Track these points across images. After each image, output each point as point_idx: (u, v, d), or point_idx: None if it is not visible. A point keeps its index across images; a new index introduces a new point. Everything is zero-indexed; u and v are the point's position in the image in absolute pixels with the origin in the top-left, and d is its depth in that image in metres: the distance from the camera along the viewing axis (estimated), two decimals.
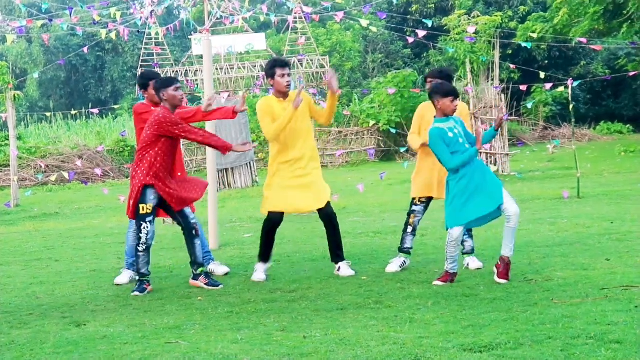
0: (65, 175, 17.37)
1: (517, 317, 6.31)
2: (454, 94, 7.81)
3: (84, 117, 46.21)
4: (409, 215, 8.91)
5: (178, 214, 8.41)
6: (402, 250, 8.87)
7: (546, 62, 41.11)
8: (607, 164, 24.10)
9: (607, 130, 39.21)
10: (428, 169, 8.64)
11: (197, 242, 8.49)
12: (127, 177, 29.46)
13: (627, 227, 11.04)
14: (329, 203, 8.66)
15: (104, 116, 45.85)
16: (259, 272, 8.73)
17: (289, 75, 8.65)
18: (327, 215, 8.66)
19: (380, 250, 10.34)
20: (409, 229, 8.86)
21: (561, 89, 18.20)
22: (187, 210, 8.48)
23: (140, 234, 8.26)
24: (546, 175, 21.50)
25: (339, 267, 8.73)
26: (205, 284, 8.41)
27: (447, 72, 8.82)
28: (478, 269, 8.58)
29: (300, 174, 8.59)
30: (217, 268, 9.26)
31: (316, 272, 9.04)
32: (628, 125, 39.86)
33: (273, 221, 8.67)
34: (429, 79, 8.70)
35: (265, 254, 8.80)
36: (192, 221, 8.47)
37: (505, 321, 6.19)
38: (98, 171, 19.23)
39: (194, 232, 8.46)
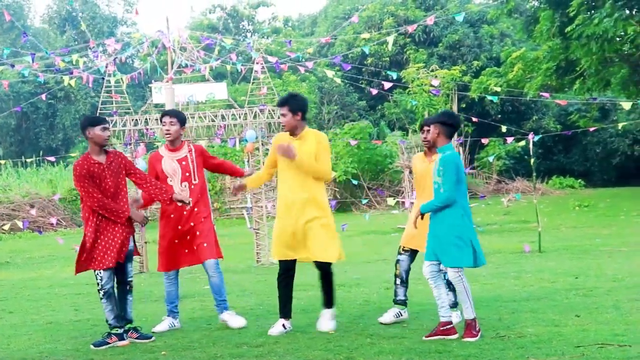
0: (19, 223, 17.00)
1: None
2: None
3: (35, 164, 45.53)
4: (395, 265, 8.82)
5: (119, 266, 8.21)
6: (396, 302, 8.76)
7: (499, 116, 41.52)
8: (563, 217, 24.24)
9: (559, 184, 39.55)
10: (414, 217, 8.43)
11: (130, 298, 8.42)
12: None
13: (592, 282, 11.00)
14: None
15: (55, 164, 45.22)
16: (275, 326, 8.35)
17: (282, 115, 8.38)
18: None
19: (345, 303, 10.12)
20: (397, 280, 8.75)
21: (520, 143, 18.18)
22: (128, 264, 8.36)
23: (97, 281, 8.06)
24: (504, 229, 21.53)
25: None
26: (135, 339, 8.26)
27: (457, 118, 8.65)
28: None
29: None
30: (232, 319, 8.85)
31: None
32: (580, 180, 40.28)
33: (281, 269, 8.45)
34: (425, 128, 8.57)
35: (280, 306, 8.44)
36: (129, 277, 8.39)
37: None
38: (53, 220, 18.85)
39: (128, 288, 8.38)
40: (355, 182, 23.09)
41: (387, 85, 16.48)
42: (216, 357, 7.28)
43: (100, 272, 8.00)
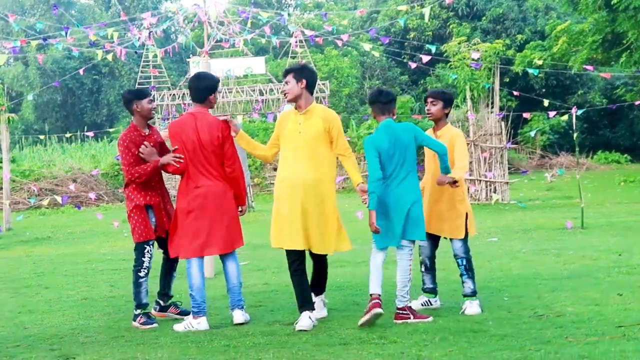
0: (58, 199, 17.03)
1: (530, 356, 5.98)
2: None
3: (79, 140, 45.92)
4: (419, 251, 8.35)
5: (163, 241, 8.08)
6: (423, 290, 8.29)
7: (544, 90, 40.97)
8: (608, 193, 23.81)
9: (604, 159, 38.99)
10: (426, 201, 8.15)
11: (175, 274, 8.26)
12: (121, 201, 29.11)
13: (636, 259, 10.73)
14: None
15: (99, 139, 45.54)
16: (302, 319, 7.48)
17: (286, 83, 7.69)
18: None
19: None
20: (422, 268, 8.31)
21: (563, 117, 17.84)
22: None
23: (143, 258, 7.91)
24: (546, 204, 21.19)
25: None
26: (176, 314, 8.18)
27: (449, 94, 8.39)
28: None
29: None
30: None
31: None
32: (626, 155, 39.65)
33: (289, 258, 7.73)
34: (430, 99, 8.27)
35: (299, 298, 7.66)
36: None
37: None
38: (92, 195, 18.87)
39: (174, 264, 8.19)
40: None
41: (426, 59, 16.21)
42: (247, 334, 7.18)
43: (151, 249, 7.90)
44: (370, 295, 7.48)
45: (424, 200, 7.95)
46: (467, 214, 7.99)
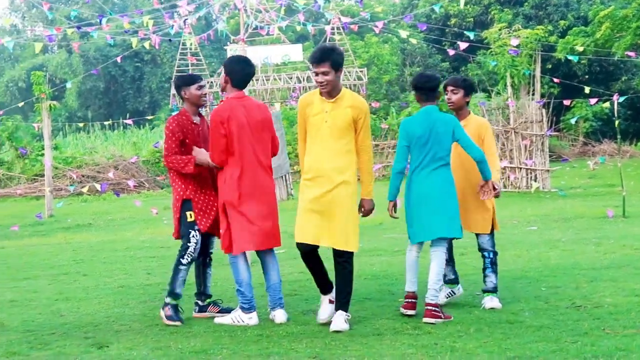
0: (97, 186, 17.15)
1: (566, 348, 5.90)
2: None
3: (121, 127, 46.30)
4: None
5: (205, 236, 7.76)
6: (445, 282, 7.98)
7: (586, 76, 40.49)
8: None
9: None
10: None
11: (210, 271, 7.98)
12: (161, 188, 29.30)
13: None
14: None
15: (141, 127, 45.85)
16: (323, 308, 7.25)
17: (323, 74, 6.96)
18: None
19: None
20: None
21: (605, 104, 17.61)
22: (211, 236, 7.86)
23: (189, 243, 7.52)
24: (588, 193, 20.94)
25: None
26: (217, 312, 7.72)
27: (470, 80, 8.16)
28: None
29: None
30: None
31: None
32: None
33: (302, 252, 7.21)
34: (450, 87, 8.02)
35: (319, 284, 7.36)
36: (211, 249, 7.94)
37: (554, 352, 5.80)
38: (130, 183, 18.97)
39: (208, 260, 7.94)
40: None
41: (464, 45, 16.06)
42: (281, 324, 7.16)
43: (196, 233, 7.54)
44: (405, 292, 7.40)
45: None
46: (493, 208, 7.77)
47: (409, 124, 7.40)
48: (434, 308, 7.12)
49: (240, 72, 7.44)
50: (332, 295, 7.20)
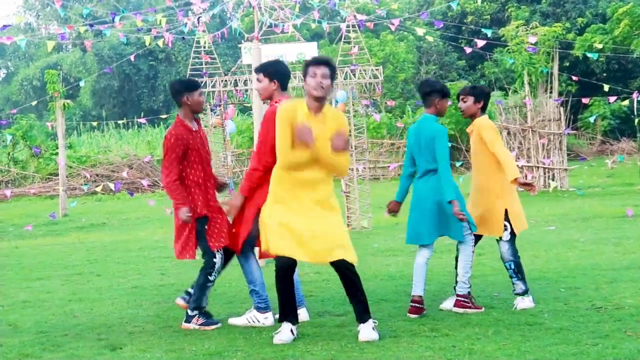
0: (111, 185, 17.10)
1: (587, 351, 5.76)
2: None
3: (136, 126, 46.31)
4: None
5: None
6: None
7: (604, 74, 40.20)
8: None
9: None
10: (471, 197, 7.81)
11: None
12: None
13: None
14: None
15: (155, 125, 45.85)
16: (282, 331, 6.59)
17: (326, 77, 6.43)
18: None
19: (435, 269, 9.74)
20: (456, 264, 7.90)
21: (624, 102, 17.45)
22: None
23: (215, 259, 7.27)
24: (606, 192, 20.75)
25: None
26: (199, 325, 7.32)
27: (479, 87, 8.00)
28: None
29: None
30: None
31: (368, 293, 8.42)
32: None
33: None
34: (461, 96, 7.88)
35: (283, 309, 6.65)
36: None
37: (574, 355, 5.66)
38: (145, 182, 18.93)
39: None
40: (449, 144, 22.60)
41: (481, 43, 15.91)
42: (304, 321, 7.05)
43: (221, 250, 7.30)
44: (412, 296, 7.34)
45: (471, 196, 7.75)
46: (507, 210, 7.51)
47: (409, 131, 7.68)
48: (463, 299, 7.32)
49: (287, 74, 7.24)
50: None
